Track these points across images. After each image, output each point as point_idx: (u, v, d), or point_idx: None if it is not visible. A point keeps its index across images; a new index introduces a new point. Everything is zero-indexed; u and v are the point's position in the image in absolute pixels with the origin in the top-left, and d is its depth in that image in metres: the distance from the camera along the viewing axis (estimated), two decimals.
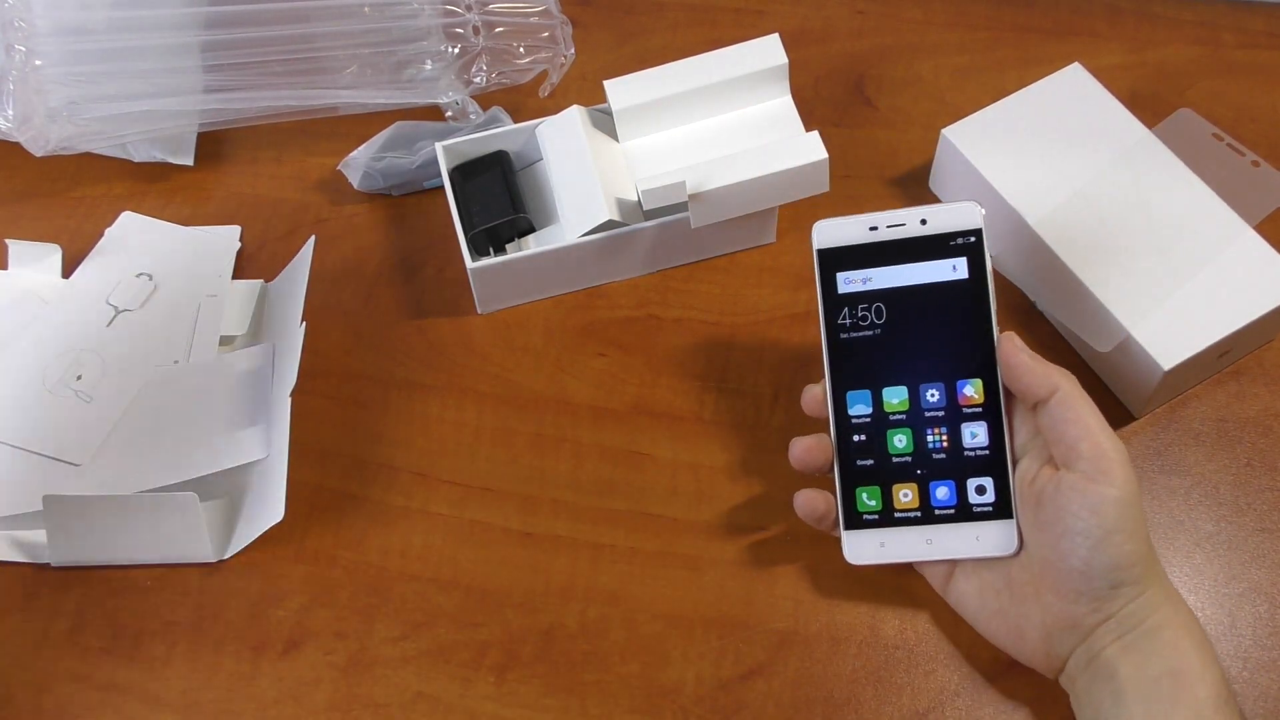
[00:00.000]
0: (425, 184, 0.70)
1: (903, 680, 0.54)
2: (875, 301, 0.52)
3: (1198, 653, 0.46)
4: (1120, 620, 0.47)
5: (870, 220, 0.52)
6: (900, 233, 0.52)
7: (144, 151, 0.71)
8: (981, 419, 0.51)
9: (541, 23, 0.71)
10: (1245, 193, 0.64)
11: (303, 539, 0.59)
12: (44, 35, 0.64)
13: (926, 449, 0.51)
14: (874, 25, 0.76)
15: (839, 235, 0.52)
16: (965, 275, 0.52)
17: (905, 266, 0.52)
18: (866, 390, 0.52)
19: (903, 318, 0.52)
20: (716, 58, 0.64)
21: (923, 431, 0.51)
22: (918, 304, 0.52)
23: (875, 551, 0.52)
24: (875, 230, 0.52)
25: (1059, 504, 0.48)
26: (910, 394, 0.52)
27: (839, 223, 0.52)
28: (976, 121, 0.65)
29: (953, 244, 0.52)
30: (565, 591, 0.57)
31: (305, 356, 0.65)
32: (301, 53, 0.69)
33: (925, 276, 0.52)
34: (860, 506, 0.52)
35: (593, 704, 0.54)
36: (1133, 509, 0.47)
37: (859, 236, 0.52)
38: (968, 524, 0.51)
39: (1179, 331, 0.57)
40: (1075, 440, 0.48)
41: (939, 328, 0.52)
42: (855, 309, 0.51)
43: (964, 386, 0.51)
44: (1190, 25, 0.74)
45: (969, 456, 0.51)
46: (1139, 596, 0.47)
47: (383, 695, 0.54)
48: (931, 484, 0.51)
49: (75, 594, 0.58)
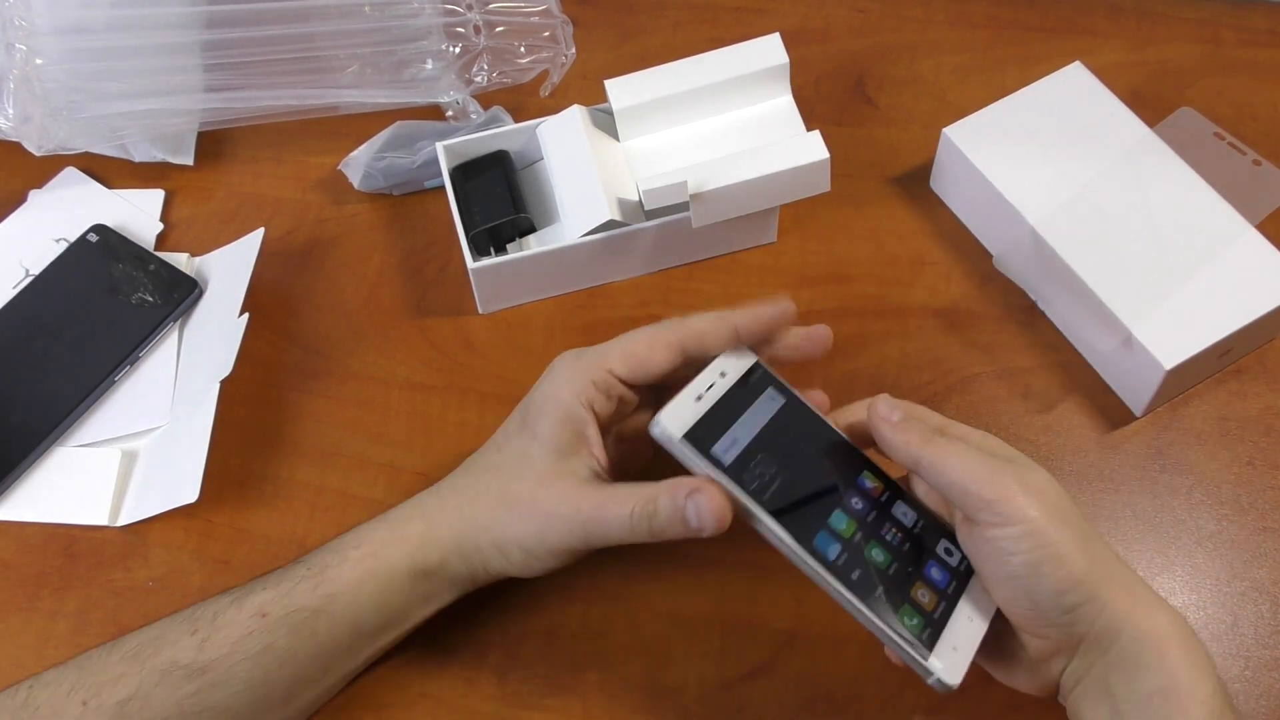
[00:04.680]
0: (426, 184, 0.70)
1: (904, 680, 0.54)
2: (756, 453, 0.49)
3: (1187, 664, 0.44)
4: (1094, 640, 0.45)
5: (693, 391, 0.49)
6: (719, 391, 0.49)
7: (144, 151, 0.71)
8: (896, 497, 0.50)
9: (542, 22, 0.71)
10: (1246, 191, 0.63)
11: (305, 540, 0.59)
12: (44, 34, 0.64)
13: (895, 547, 0.49)
14: (875, 24, 0.76)
15: (682, 417, 0.48)
16: (783, 399, 0.51)
17: (745, 415, 0.49)
18: (821, 531, 0.48)
19: (782, 455, 0.49)
20: (717, 57, 0.64)
21: (880, 536, 0.49)
22: (780, 439, 0.50)
23: (957, 658, 0.48)
24: (700, 399, 0.49)
25: (980, 558, 0.47)
26: (845, 512, 0.49)
27: (672, 408, 0.48)
28: (977, 120, 0.65)
29: (749, 382, 0.51)
30: (567, 591, 0.57)
31: (305, 356, 0.65)
32: (302, 52, 0.69)
33: (766, 414, 0.50)
34: (914, 631, 0.47)
35: (595, 704, 0.54)
36: (1049, 534, 0.44)
37: (696, 410, 0.48)
38: (967, 579, 0.49)
39: (1180, 330, 0.57)
40: (960, 495, 0.46)
41: (808, 450, 0.50)
42: (751, 469, 0.48)
43: (864, 483, 0.50)
44: (1191, 24, 0.74)
45: (919, 532, 0.49)
46: (1102, 612, 0.44)
47: (385, 695, 0.54)
48: (924, 572, 0.49)
49: (76, 595, 0.58)
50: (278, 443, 0.62)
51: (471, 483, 0.53)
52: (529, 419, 0.52)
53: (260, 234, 0.66)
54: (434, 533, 0.51)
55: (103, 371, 0.63)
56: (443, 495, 0.53)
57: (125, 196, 0.71)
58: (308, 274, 0.68)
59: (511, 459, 0.52)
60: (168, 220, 0.70)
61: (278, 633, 0.49)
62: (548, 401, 0.51)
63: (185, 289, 0.66)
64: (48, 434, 0.61)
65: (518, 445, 0.52)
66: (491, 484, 0.52)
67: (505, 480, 0.51)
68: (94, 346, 0.63)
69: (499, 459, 0.52)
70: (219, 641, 0.48)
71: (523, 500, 0.50)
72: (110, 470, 0.61)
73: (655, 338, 0.51)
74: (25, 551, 0.59)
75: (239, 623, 0.49)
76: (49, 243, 0.68)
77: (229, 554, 0.59)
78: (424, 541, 0.51)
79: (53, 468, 0.62)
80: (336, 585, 0.50)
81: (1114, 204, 0.61)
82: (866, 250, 0.67)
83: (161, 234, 0.70)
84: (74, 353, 0.63)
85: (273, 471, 0.61)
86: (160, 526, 0.60)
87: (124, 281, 0.65)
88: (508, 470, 0.51)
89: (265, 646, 0.48)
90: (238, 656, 0.48)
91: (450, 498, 0.52)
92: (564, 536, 0.49)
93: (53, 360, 0.63)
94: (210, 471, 0.58)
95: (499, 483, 0.51)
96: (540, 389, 0.52)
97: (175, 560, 0.59)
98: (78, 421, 0.63)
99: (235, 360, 0.60)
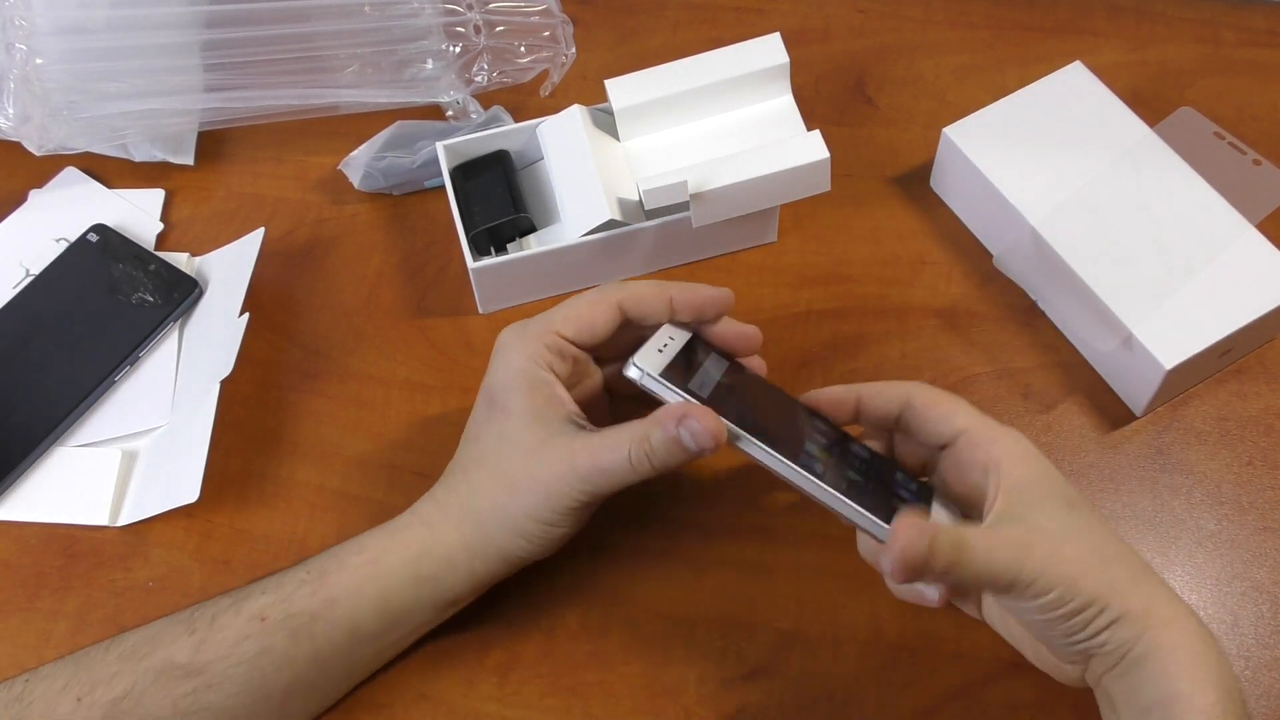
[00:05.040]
0: (426, 183, 0.70)
1: (905, 680, 0.54)
2: (725, 392, 0.50)
3: (1189, 676, 0.42)
4: (1112, 651, 0.44)
5: (654, 345, 0.51)
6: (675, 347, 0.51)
7: (144, 150, 0.71)
8: (847, 440, 0.51)
9: (542, 22, 0.71)
10: (1247, 191, 0.63)
11: (305, 540, 0.59)
12: (44, 34, 0.64)
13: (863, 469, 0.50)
14: (875, 24, 0.76)
15: (652, 361, 0.50)
16: (728, 362, 0.53)
17: (704, 366, 0.51)
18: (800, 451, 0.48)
19: (745, 396, 0.51)
20: (717, 57, 0.64)
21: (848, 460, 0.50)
22: (738, 385, 0.52)
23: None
24: (662, 351, 0.50)
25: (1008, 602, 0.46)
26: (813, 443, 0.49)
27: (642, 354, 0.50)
28: (977, 120, 0.65)
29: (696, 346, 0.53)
30: (568, 591, 0.57)
31: (305, 356, 0.65)
32: (302, 52, 0.69)
33: (720, 369, 0.52)
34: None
35: (595, 704, 0.54)
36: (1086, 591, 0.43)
37: (662, 359, 0.50)
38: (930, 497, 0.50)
39: (1181, 330, 0.57)
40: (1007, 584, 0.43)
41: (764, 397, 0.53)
42: (726, 402, 0.49)
43: (819, 425, 0.51)
44: (1191, 23, 0.74)
45: (877, 464, 0.50)
46: (1117, 630, 0.43)
47: (385, 696, 0.54)
48: (895, 489, 0.49)
49: (76, 595, 0.58)
50: (278, 443, 0.62)
51: (462, 480, 0.52)
52: (496, 401, 0.52)
53: (260, 234, 0.66)
54: (438, 538, 0.51)
55: (103, 371, 0.63)
56: (438, 500, 0.53)
57: (125, 196, 0.71)
58: (308, 274, 0.68)
59: (493, 444, 0.52)
60: (168, 220, 0.70)
61: (275, 636, 0.49)
62: (509, 376, 0.51)
63: (185, 289, 0.66)
64: (48, 434, 0.61)
65: (494, 429, 0.52)
66: (483, 475, 0.51)
67: (495, 466, 0.51)
68: (94, 346, 0.63)
69: (480, 449, 0.52)
70: (216, 643, 0.48)
71: (519, 478, 0.50)
72: (110, 470, 0.61)
73: (595, 299, 0.53)
74: (25, 551, 0.59)
75: (237, 626, 0.49)
76: (49, 243, 0.68)
77: (229, 554, 0.59)
78: (426, 548, 0.51)
79: (53, 468, 0.62)
80: (336, 590, 0.50)
81: (1114, 204, 0.61)
82: (866, 250, 0.67)
83: (161, 234, 0.70)
84: (74, 353, 0.63)
85: (273, 471, 0.61)
86: (160, 526, 0.60)
87: (124, 281, 0.65)
88: (494, 456, 0.51)
89: (262, 649, 0.49)
90: (234, 659, 0.48)
91: (447, 500, 0.52)
92: (571, 496, 0.49)
93: (53, 360, 0.63)
94: (210, 471, 0.57)
95: (489, 471, 0.51)
96: (496, 369, 0.53)
97: (175, 560, 0.59)
98: (78, 421, 0.63)
99: (235, 360, 0.60)
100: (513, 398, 0.51)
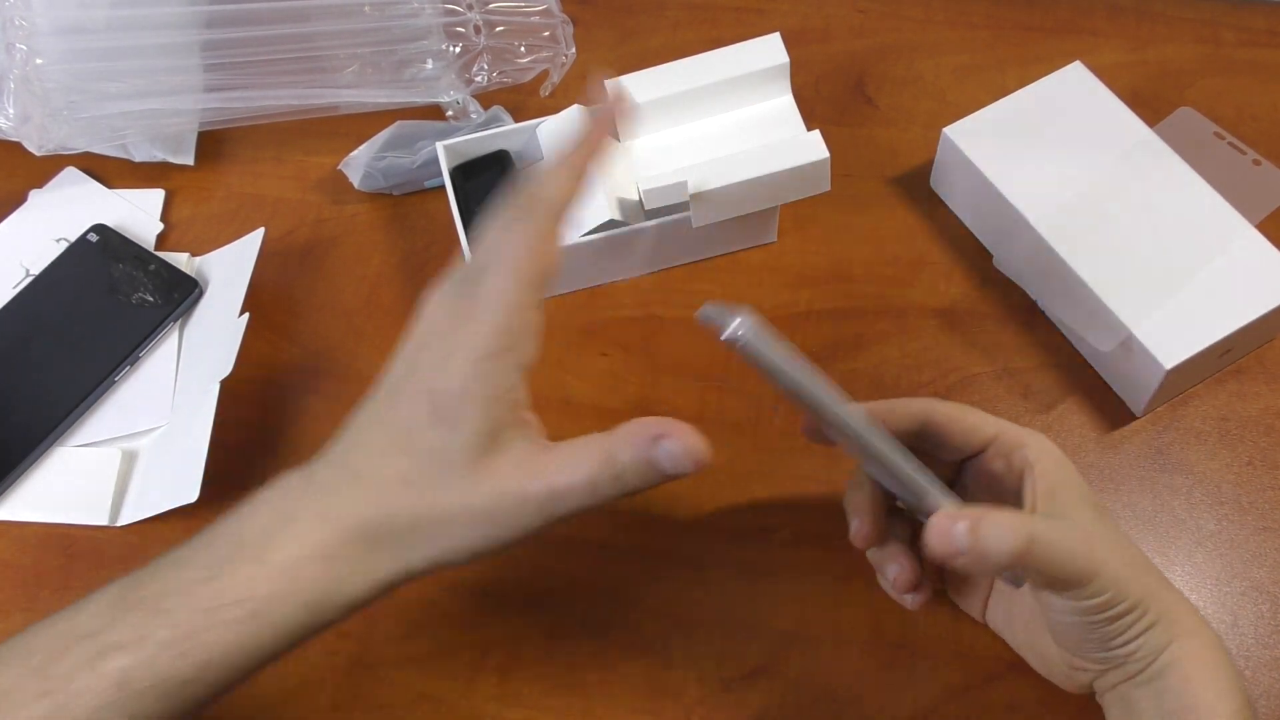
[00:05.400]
0: (426, 183, 0.70)
1: (905, 680, 0.54)
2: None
3: (1209, 685, 0.43)
4: (1142, 657, 0.44)
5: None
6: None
7: (144, 151, 0.71)
8: None
9: (542, 22, 0.71)
10: (1247, 191, 0.63)
11: None
12: (44, 34, 0.64)
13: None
14: (875, 24, 0.76)
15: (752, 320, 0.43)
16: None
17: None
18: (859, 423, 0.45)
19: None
20: (717, 57, 0.64)
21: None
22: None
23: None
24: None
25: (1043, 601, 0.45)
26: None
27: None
28: (977, 120, 0.65)
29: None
30: (568, 591, 0.57)
31: (305, 356, 0.65)
32: (302, 52, 0.69)
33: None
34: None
35: (596, 704, 0.54)
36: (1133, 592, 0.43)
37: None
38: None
39: (1181, 330, 0.57)
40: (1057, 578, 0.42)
41: None
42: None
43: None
44: (1191, 23, 0.74)
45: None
46: (1147, 629, 0.43)
47: (385, 696, 0.54)
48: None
49: (76, 595, 0.57)
50: (278, 443, 0.62)
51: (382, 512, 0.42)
52: (440, 409, 0.42)
53: (260, 234, 0.66)
54: (341, 589, 0.42)
55: (103, 371, 0.63)
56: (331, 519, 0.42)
57: (125, 196, 0.71)
58: (308, 274, 0.68)
59: (423, 464, 0.42)
60: (168, 220, 0.70)
61: (145, 700, 0.40)
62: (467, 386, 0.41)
63: (185, 289, 0.66)
64: (48, 434, 0.61)
65: (428, 443, 0.42)
66: (404, 505, 0.42)
67: (423, 495, 0.42)
68: (94, 346, 0.63)
69: (408, 466, 0.42)
70: (76, 710, 0.40)
71: (455, 511, 0.41)
72: (110, 470, 0.61)
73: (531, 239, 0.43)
74: (25, 551, 0.59)
75: (97, 690, 0.40)
76: (49, 243, 0.68)
77: None
78: (327, 596, 0.42)
79: (53, 468, 0.62)
80: (211, 653, 0.41)
81: (1114, 204, 0.61)
82: (866, 250, 0.67)
83: (161, 234, 0.70)
84: (74, 353, 0.63)
85: (273, 471, 0.60)
86: (160, 526, 0.59)
87: (124, 281, 0.66)
88: (424, 482, 0.42)
89: (130, 717, 0.40)
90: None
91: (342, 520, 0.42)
92: (520, 527, 0.42)
93: (53, 360, 0.63)
94: (210, 471, 0.57)
95: (415, 500, 0.42)
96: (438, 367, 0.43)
97: None
98: (78, 421, 0.63)
99: (235, 360, 0.60)
100: (466, 412, 0.41)
